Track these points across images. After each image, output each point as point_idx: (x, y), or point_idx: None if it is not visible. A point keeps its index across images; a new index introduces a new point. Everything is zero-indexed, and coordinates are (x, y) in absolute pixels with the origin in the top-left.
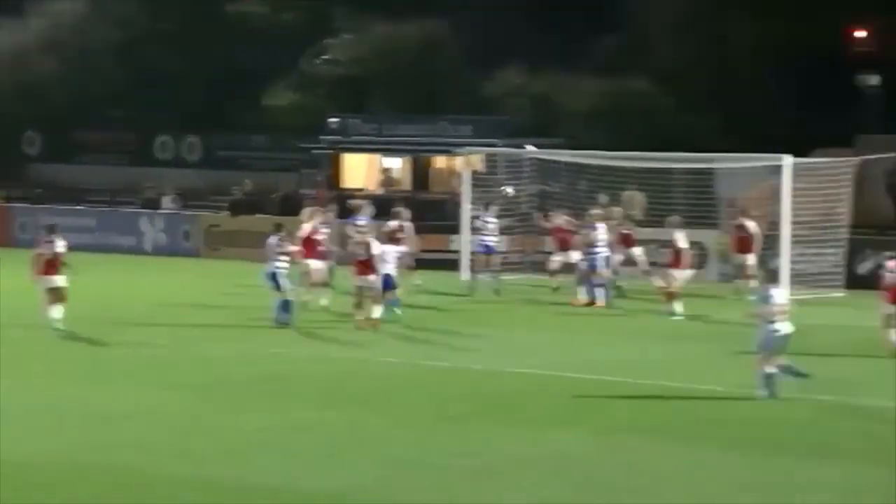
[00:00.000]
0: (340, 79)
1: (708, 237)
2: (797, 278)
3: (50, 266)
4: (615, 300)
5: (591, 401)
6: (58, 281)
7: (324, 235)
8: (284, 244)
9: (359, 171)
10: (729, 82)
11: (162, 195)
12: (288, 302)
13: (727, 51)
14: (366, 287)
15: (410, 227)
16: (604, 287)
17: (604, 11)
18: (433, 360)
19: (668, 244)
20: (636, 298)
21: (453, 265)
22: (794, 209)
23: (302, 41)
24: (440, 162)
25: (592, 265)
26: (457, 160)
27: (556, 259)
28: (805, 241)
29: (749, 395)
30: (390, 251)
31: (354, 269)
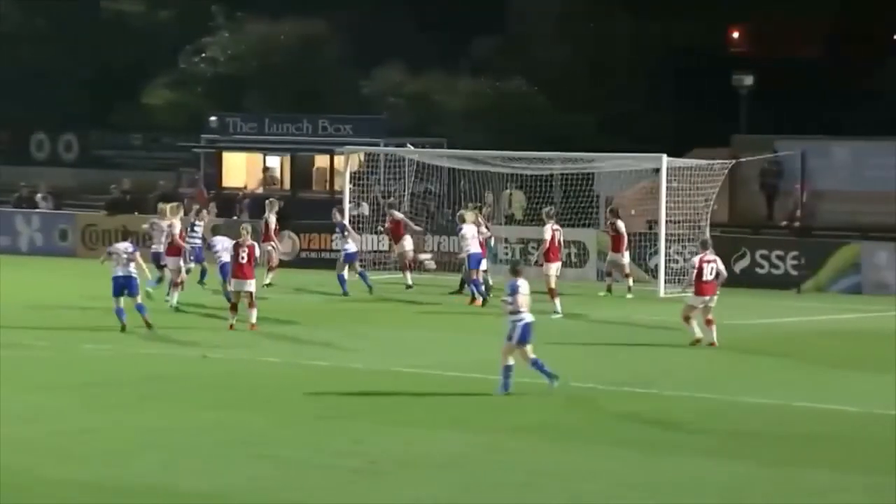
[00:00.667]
0: (219, 77)
1: (588, 236)
2: (673, 277)
3: None
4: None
5: (474, 400)
6: None
7: (196, 234)
8: (135, 252)
9: (239, 170)
10: (607, 82)
11: (36, 194)
12: (142, 306)
13: (606, 50)
14: (244, 291)
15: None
16: (477, 286)
17: (483, 12)
18: (315, 360)
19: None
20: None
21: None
22: (670, 208)
23: (180, 39)
24: (321, 161)
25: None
26: (338, 159)
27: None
28: (681, 240)
29: (637, 394)
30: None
31: (232, 272)
